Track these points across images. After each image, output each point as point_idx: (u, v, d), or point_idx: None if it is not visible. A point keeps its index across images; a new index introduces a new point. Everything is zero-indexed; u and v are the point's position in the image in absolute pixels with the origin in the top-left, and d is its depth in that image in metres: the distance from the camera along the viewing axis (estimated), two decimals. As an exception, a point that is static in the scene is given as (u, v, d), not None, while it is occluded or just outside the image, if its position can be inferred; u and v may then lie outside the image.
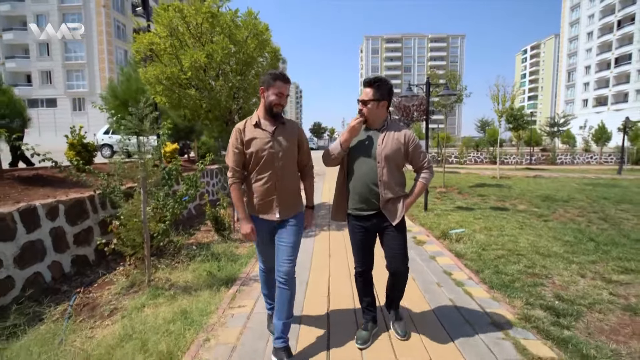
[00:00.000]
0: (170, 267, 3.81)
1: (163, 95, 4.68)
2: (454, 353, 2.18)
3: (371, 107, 2.13)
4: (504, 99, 11.75)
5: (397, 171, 2.19)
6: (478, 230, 5.15)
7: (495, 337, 2.35)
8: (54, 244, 3.56)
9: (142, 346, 2.28)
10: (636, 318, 2.63)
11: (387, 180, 2.12)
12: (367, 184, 2.15)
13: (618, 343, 2.30)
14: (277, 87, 2.03)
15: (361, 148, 2.19)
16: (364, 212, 2.18)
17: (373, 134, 2.20)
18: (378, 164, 2.13)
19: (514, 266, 3.67)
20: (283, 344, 2.08)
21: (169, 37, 4.49)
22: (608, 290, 3.10)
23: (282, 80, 2.05)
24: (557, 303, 2.84)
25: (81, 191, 4.37)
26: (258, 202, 2.09)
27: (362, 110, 2.16)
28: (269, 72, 2.09)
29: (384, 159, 2.11)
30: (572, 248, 4.28)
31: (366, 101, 2.13)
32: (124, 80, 7.31)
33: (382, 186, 2.13)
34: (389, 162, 2.12)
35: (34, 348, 2.26)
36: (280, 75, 2.06)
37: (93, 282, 3.59)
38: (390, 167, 2.13)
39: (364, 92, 2.15)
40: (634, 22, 45.90)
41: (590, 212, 6.57)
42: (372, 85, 2.13)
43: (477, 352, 2.18)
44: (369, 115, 2.16)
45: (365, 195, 2.16)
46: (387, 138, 2.15)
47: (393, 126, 2.22)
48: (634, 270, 3.55)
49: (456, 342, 2.29)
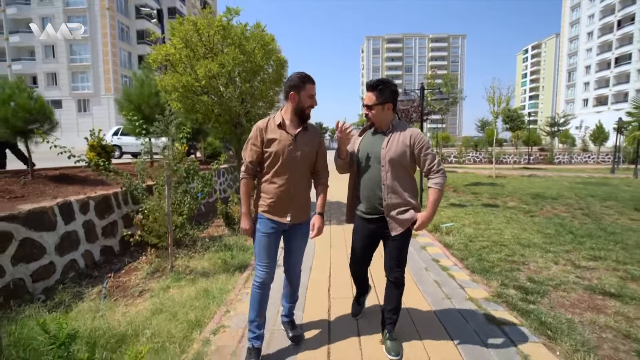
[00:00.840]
0: (188, 257, 4.26)
1: (178, 101, 5.12)
2: (432, 321, 2.62)
3: (376, 111, 2.10)
4: (500, 100, 12.15)
5: (403, 175, 2.10)
6: (467, 224, 5.58)
7: (469, 308, 2.79)
8: (86, 235, 4.01)
9: (173, 316, 2.73)
10: (594, 295, 3.06)
11: (390, 185, 2.06)
12: (372, 188, 2.12)
13: (574, 314, 2.73)
14: (308, 89, 2.03)
15: (367, 152, 2.16)
16: (369, 215, 2.17)
17: (379, 136, 2.16)
18: (382, 168, 2.08)
19: (496, 255, 4.10)
20: (288, 318, 2.45)
21: (184, 48, 4.94)
22: (575, 274, 3.53)
23: (312, 82, 2.06)
24: (528, 284, 3.27)
25: (106, 188, 4.83)
26: (270, 203, 2.06)
27: (368, 114, 2.14)
28: (295, 76, 2.05)
29: (387, 162, 2.06)
30: (551, 239, 4.71)
31: (371, 106, 2.10)
32: (137, 85, 7.74)
33: (385, 190, 2.07)
34: (393, 166, 2.05)
35: (84, 317, 2.71)
36: (309, 78, 2.05)
37: (120, 269, 4.04)
38: (395, 171, 2.06)
39: (368, 96, 2.11)
40: (633, 22, 46.12)
41: (576, 208, 6.99)
42: (376, 88, 2.08)
43: (452, 320, 2.61)
44: (374, 119, 2.13)
45: (370, 199, 2.13)
46: (392, 140, 2.09)
47: (399, 127, 2.15)
48: (602, 257, 3.98)
49: (436, 312, 2.74)
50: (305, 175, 2.13)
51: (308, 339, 2.40)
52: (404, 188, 2.09)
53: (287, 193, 2.05)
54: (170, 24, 5.30)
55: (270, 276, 2.13)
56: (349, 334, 2.43)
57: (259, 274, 2.12)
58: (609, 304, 2.88)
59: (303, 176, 2.11)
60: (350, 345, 2.31)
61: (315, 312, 2.80)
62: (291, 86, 2.04)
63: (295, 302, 2.47)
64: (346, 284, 3.33)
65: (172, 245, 3.69)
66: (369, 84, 2.11)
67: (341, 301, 2.94)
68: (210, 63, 4.75)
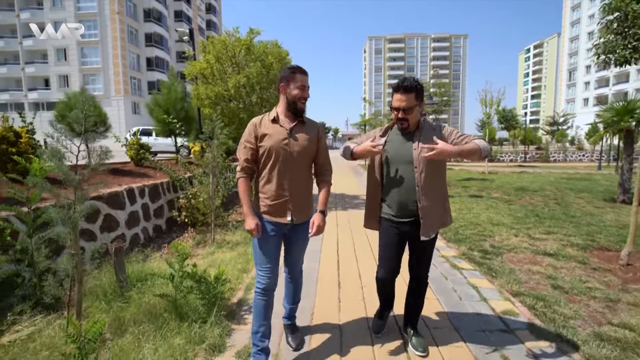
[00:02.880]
0: (223, 233, 5.30)
1: (209, 107, 6.17)
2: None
3: (414, 114, 1.98)
4: (491, 102, 13.10)
5: (436, 176, 2.03)
6: (452, 210, 6.58)
7: (441, 261, 3.81)
8: (143, 215, 5.07)
9: (225, 267, 3.76)
10: (536, 255, 4.06)
11: (425, 186, 1.98)
12: (404, 191, 2.01)
13: (516, 265, 3.74)
14: (298, 80, 1.92)
15: (396, 153, 2.05)
16: (401, 218, 2.06)
17: (407, 137, 2.06)
18: (415, 169, 1.98)
19: (470, 231, 5.11)
20: (289, 321, 2.34)
21: (216, 63, 5.98)
22: (528, 243, 4.53)
23: (302, 72, 1.95)
24: (489, 248, 4.28)
25: (150, 179, 5.88)
26: (269, 203, 1.95)
27: (404, 118, 1.98)
28: (286, 67, 1.98)
29: (421, 162, 1.97)
30: (518, 221, 5.71)
31: (410, 108, 1.95)
32: (165, 91, 8.80)
33: (420, 192, 1.98)
34: (427, 166, 1.97)
35: (157, 269, 3.75)
36: (298, 68, 1.95)
37: (170, 242, 5.09)
38: (429, 172, 1.98)
39: (404, 98, 1.94)
40: (633, 22, 46.60)
41: (551, 198, 7.96)
42: (414, 89, 1.94)
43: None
44: (412, 121, 2.00)
45: (402, 202, 2.03)
46: (423, 140, 1.99)
47: (426, 126, 2.07)
48: (554, 232, 4.98)
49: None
50: (304, 171, 2.01)
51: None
52: (439, 190, 2.05)
53: (285, 190, 1.94)
54: (202, 42, 6.35)
55: (273, 282, 2.02)
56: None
57: (261, 279, 2.00)
58: (545, 260, 3.88)
59: (302, 172, 1.99)
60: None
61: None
62: (281, 77, 1.98)
63: (297, 303, 2.35)
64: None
65: (214, 220, 4.73)
66: (405, 85, 1.94)
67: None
68: (238, 76, 5.79)
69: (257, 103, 6.19)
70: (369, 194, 2.22)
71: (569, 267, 3.68)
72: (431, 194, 2.01)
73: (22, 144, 4.34)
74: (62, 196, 2.22)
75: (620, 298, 2.95)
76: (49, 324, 2.45)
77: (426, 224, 2.00)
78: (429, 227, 2.01)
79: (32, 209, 2.70)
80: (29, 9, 37.80)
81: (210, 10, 58.05)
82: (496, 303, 2.88)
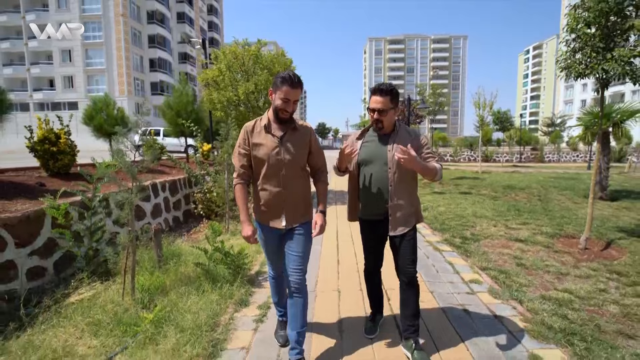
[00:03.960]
0: (235, 224, 5.92)
1: (221, 111, 6.81)
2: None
3: (389, 116, 2.09)
4: (484, 104, 13.74)
5: (408, 178, 2.13)
6: (442, 205, 7.23)
7: (425, 245, 4.45)
8: (165, 207, 5.71)
9: (241, 250, 4.39)
10: (509, 241, 4.69)
11: (396, 186, 2.09)
12: (377, 190, 2.12)
13: (490, 249, 4.37)
14: (283, 91, 1.87)
15: (372, 154, 2.16)
16: (375, 217, 2.18)
17: (383, 138, 2.16)
18: (389, 170, 2.09)
19: (455, 222, 5.75)
20: (298, 355, 1.98)
21: (227, 71, 6.62)
22: (504, 232, 5.16)
23: (290, 84, 1.87)
24: (469, 236, 4.92)
25: (167, 175, 6.51)
26: (265, 209, 2.01)
27: (380, 119, 2.09)
28: (279, 75, 1.93)
29: (395, 164, 2.06)
30: (499, 214, 6.34)
31: (385, 110, 2.07)
32: (176, 95, 9.43)
33: (392, 191, 2.09)
34: (400, 167, 2.05)
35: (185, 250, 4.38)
36: (289, 79, 1.88)
37: (188, 231, 5.72)
38: (401, 173, 2.08)
39: (380, 100, 2.05)
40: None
41: (535, 195, 8.60)
42: (390, 93, 2.07)
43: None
44: (386, 123, 2.11)
45: (375, 201, 2.14)
46: (398, 142, 2.09)
47: (402, 129, 2.18)
48: (529, 223, 5.61)
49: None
50: (297, 176, 2.03)
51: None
52: (409, 190, 2.16)
53: (278, 197, 1.98)
54: (214, 52, 6.98)
55: (280, 272, 2.24)
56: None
57: (271, 269, 2.26)
58: (516, 245, 4.52)
59: (295, 178, 2.01)
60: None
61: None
62: (273, 83, 1.97)
63: (304, 327, 2.04)
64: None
65: (228, 212, 5.37)
66: (381, 88, 2.07)
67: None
68: (247, 83, 6.43)
69: (264, 107, 6.82)
70: (350, 192, 2.36)
71: (534, 250, 4.31)
72: (402, 193, 2.11)
73: (61, 144, 4.97)
74: (123, 185, 2.86)
75: (570, 272, 3.58)
76: (106, 288, 3.08)
77: (394, 221, 2.12)
78: (397, 224, 2.12)
79: (93, 196, 3.34)
80: (34, 10, 38.43)
81: (212, 11, 58.71)
82: (466, 274, 3.51)
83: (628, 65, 3.72)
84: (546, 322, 2.52)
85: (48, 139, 4.88)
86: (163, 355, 2.13)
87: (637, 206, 7.16)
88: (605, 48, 3.79)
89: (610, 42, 3.79)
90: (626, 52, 3.58)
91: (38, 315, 2.67)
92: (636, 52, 3.56)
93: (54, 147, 4.91)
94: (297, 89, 1.91)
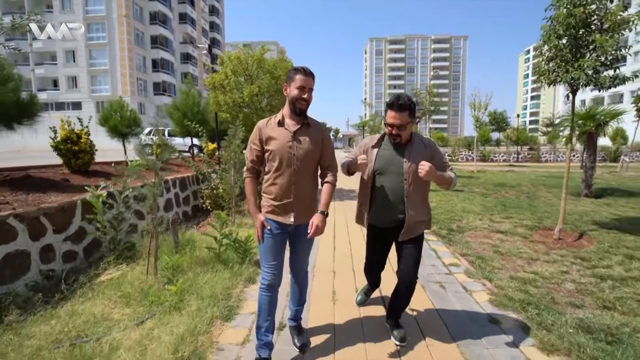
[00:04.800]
0: (240, 217, 6.39)
1: (226, 112, 7.27)
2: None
3: (407, 130, 2.11)
4: (479, 105, 14.18)
5: (422, 188, 2.16)
6: (434, 201, 7.68)
7: (413, 236, 4.91)
8: (175, 202, 6.17)
9: (248, 236, 4.85)
10: (491, 233, 5.14)
11: (413, 197, 2.11)
12: (392, 200, 2.14)
13: (472, 239, 4.82)
14: (298, 80, 1.95)
15: (387, 164, 2.17)
16: (387, 225, 2.22)
17: (398, 149, 2.17)
18: (405, 181, 2.10)
19: (444, 216, 6.20)
20: (296, 322, 2.36)
21: (232, 75, 7.08)
22: (488, 224, 5.61)
23: (303, 73, 1.96)
24: (455, 228, 5.37)
25: (176, 173, 6.98)
26: (273, 203, 2.02)
27: (398, 134, 2.11)
28: (292, 69, 2.02)
29: (411, 175, 2.08)
30: (486, 209, 6.79)
31: (403, 125, 2.08)
32: (183, 97, 9.89)
33: (408, 203, 2.11)
34: (416, 178, 2.07)
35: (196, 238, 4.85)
36: (301, 69, 1.97)
37: (197, 224, 6.19)
38: (416, 184, 2.11)
39: (398, 116, 2.07)
40: (628, 26, 47.55)
41: (524, 192, 9.04)
42: (409, 108, 2.08)
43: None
44: (404, 137, 2.13)
45: (390, 211, 2.17)
46: (413, 154, 2.11)
47: (418, 141, 2.19)
48: (512, 217, 6.06)
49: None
50: (308, 173, 2.05)
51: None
52: (423, 200, 2.19)
53: (289, 193, 2.00)
54: (220, 57, 7.45)
55: (277, 278, 2.08)
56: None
57: (266, 276, 2.07)
58: (496, 236, 4.97)
59: (306, 174, 2.04)
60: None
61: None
62: (286, 79, 2.04)
63: (302, 304, 2.38)
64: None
65: (234, 205, 5.83)
66: (399, 104, 2.07)
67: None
68: (252, 87, 6.89)
69: (267, 109, 7.29)
70: (361, 197, 2.35)
71: (512, 240, 4.76)
72: (416, 204, 2.13)
73: (82, 143, 5.44)
74: (147, 179, 3.33)
75: (540, 258, 4.04)
76: (131, 269, 3.55)
77: (407, 230, 2.15)
78: (409, 233, 2.16)
79: (123, 189, 3.81)
80: (39, 12, 38.87)
81: (214, 12, 59.19)
82: (447, 259, 3.97)
83: (595, 74, 4.17)
84: (509, 295, 2.98)
85: (70, 138, 5.35)
86: (187, 316, 2.59)
87: (618, 202, 7.60)
88: (573, 58, 4.24)
89: (578, 53, 4.23)
90: (589, 63, 4.02)
91: (76, 290, 3.13)
92: (598, 63, 4.00)
93: (75, 146, 5.37)
94: (310, 77, 1.98)
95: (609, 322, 2.52)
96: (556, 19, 4.31)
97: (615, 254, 4.06)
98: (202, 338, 2.32)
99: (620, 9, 3.96)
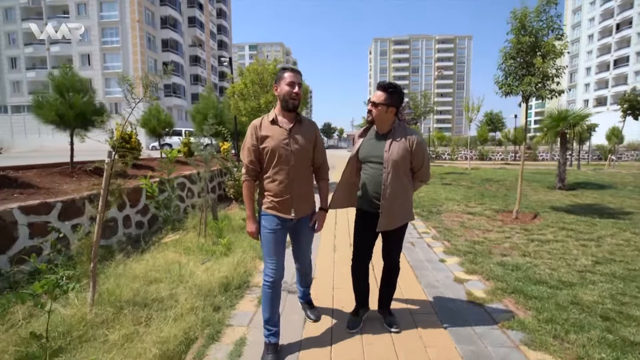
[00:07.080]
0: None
1: (246, 117, 8.56)
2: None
3: (380, 110, 2.18)
4: (473, 107, 15.32)
5: (402, 177, 2.22)
6: (422, 192, 8.89)
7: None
8: (206, 191, 7.47)
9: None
10: (463, 214, 6.34)
11: (390, 185, 2.17)
12: (372, 188, 2.24)
13: (447, 219, 6.02)
14: (287, 77, 2.02)
15: (369, 153, 2.26)
16: (369, 209, 2.31)
17: (381, 139, 2.25)
18: (384, 169, 2.17)
19: (427, 203, 7.42)
20: (304, 299, 2.66)
21: (251, 85, 8.36)
22: (462, 208, 6.81)
23: (291, 70, 2.06)
24: (434, 210, 6.59)
25: (199, 168, 8.28)
26: (274, 200, 2.09)
27: (371, 110, 2.21)
28: (279, 69, 2.10)
29: (390, 165, 2.16)
30: (466, 198, 7.99)
31: (377, 103, 2.17)
32: (203, 101, 11.21)
33: (385, 190, 2.18)
34: (395, 168, 2.16)
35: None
36: (289, 67, 2.08)
37: (224, 209, 7.47)
38: (396, 173, 2.17)
39: (376, 94, 2.18)
40: (631, 26, 48.11)
41: (506, 186, 10.19)
42: (386, 90, 2.16)
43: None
44: (376, 117, 2.22)
45: (370, 196, 2.26)
46: (393, 144, 2.19)
47: (400, 131, 2.24)
48: (485, 204, 7.26)
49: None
50: (305, 168, 2.15)
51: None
52: (402, 190, 2.24)
53: (289, 188, 2.07)
54: (239, 69, 8.74)
55: (280, 274, 2.14)
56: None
57: (269, 272, 2.12)
58: (466, 216, 6.17)
59: (303, 170, 2.13)
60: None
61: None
62: (275, 81, 2.10)
63: (309, 285, 2.60)
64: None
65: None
66: (381, 84, 2.20)
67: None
68: (267, 94, 8.17)
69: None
70: (345, 180, 2.42)
71: (478, 219, 5.97)
72: (395, 192, 2.19)
73: (132, 142, 6.76)
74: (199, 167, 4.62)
75: (493, 229, 5.24)
76: (186, 234, 4.83)
77: (385, 217, 2.21)
78: (387, 221, 2.22)
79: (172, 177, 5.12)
80: (55, 17, 40.75)
81: (221, 15, 60.75)
82: (421, 229, 5.22)
83: (542, 87, 5.34)
84: (458, 248, 4.21)
85: (124, 138, 6.67)
86: (235, 258, 3.86)
87: (584, 194, 8.74)
88: (523, 75, 5.43)
89: (526, 71, 5.42)
90: (532, 79, 5.21)
91: (150, 247, 4.42)
92: (537, 80, 5.19)
93: (128, 144, 6.70)
94: (298, 74, 2.08)
95: (519, 262, 3.73)
96: (511, 44, 5.51)
97: (553, 227, 5.25)
98: (249, 265, 3.60)
99: (553, 40, 5.15)
